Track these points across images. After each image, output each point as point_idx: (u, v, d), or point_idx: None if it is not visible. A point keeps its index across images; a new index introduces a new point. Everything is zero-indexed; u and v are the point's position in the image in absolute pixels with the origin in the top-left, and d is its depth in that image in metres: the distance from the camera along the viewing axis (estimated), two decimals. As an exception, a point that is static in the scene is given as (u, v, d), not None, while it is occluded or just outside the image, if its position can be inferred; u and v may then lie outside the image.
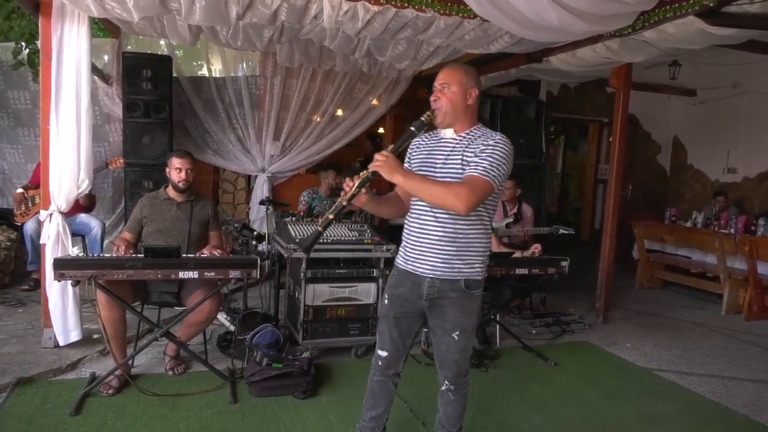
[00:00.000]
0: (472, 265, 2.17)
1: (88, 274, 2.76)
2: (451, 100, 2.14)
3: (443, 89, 2.15)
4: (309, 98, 6.07)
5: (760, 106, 7.08)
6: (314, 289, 3.57)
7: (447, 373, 2.29)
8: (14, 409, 2.78)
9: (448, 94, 2.14)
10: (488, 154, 2.05)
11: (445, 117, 2.16)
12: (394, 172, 1.99)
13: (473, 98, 2.17)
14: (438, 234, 2.14)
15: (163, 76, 5.12)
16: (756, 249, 5.24)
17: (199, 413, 2.87)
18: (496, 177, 2.04)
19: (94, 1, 3.24)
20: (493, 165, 2.03)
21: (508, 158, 2.08)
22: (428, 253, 2.16)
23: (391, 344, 2.30)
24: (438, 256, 2.14)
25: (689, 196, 8.31)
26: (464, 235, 2.13)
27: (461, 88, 2.14)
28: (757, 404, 3.43)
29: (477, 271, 2.18)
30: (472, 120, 2.20)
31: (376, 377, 2.38)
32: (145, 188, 4.92)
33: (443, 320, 2.21)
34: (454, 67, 2.22)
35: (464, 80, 2.15)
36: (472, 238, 2.14)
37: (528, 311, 5.08)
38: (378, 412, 2.40)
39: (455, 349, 2.23)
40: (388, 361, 2.33)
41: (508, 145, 2.10)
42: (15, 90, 5.48)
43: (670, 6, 3.52)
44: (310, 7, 3.46)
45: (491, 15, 3.49)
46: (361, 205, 2.12)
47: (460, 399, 2.34)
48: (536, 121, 6.03)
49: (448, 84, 2.15)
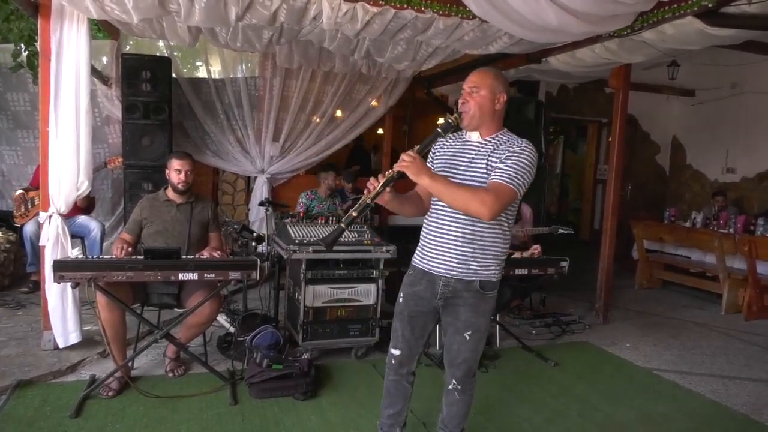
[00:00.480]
0: (488, 267, 2.18)
1: (88, 275, 2.76)
2: (480, 104, 2.14)
3: (472, 92, 2.15)
4: (308, 99, 6.07)
5: (758, 106, 7.09)
6: (314, 290, 3.57)
7: (456, 372, 2.30)
8: (14, 412, 2.77)
9: (477, 97, 2.14)
10: (514, 161, 2.06)
11: (472, 120, 2.16)
12: (421, 173, 1.99)
13: (501, 103, 2.17)
14: (455, 234, 2.15)
15: (162, 77, 5.11)
16: (755, 249, 5.25)
17: (200, 415, 2.87)
18: (520, 185, 2.05)
19: (93, 2, 3.24)
20: (518, 173, 2.04)
21: (533, 166, 2.09)
22: (445, 252, 2.18)
23: (404, 343, 2.34)
24: (454, 256, 2.16)
25: (688, 196, 8.32)
26: (481, 237, 2.14)
27: (490, 93, 2.14)
28: (757, 403, 3.43)
29: (492, 272, 2.19)
30: (498, 124, 2.21)
31: (391, 376, 2.42)
32: (145, 190, 4.91)
33: (456, 319, 2.23)
34: (486, 71, 2.21)
35: (494, 84, 2.15)
36: (489, 240, 2.16)
37: (528, 311, 5.09)
38: (395, 410, 2.44)
39: (466, 349, 2.24)
40: (401, 360, 2.36)
41: (534, 153, 2.11)
42: (14, 92, 5.48)
43: (668, 7, 3.52)
44: (310, 8, 3.46)
45: (490, 16, 3.49)
46: (384, 203, 2.12)
47: (467, 399, 2.35)
48: (535, 122, 6.02)
49: (478, 88, 2.14)
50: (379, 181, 2.02)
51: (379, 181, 2.02)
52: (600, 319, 5.05)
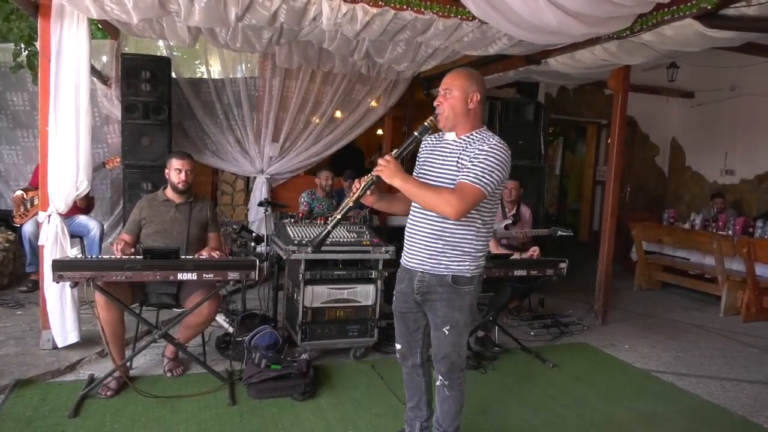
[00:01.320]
0: (461, 262, 2.22)
1: (87, 275, 2.76)
2: (452, 105, 2.19)
3: (446, 94, 2.20)
4: (308, 100, 6.08)
5: (757, 108, 7.09)
6: (313, 291, 3.57)
7: (440, 367, 2.34)
8: (13, 411, 2.77)
9: (449, 99, 2.19)
10: (480, 161, 2.10)
11: (447, 122, 2.22)
12: (394, 176, 2.10)
13: (475, 102, 2.20)
14: (426, 230, 2.23)
15: (161, 77, 5.11)
16: (754, 251, 5.26)
17: (198, 415, 2.87)
18: (488, 184, 2.09)
19: (93, 2, 3.24)
20: (485, 171, 2.09)
21: (502, 163, 2.12)
22: (417, 248, 2.27)
23: (402, 338, 2.46)
24: (425, 252, 2.24)
25: (687, 197, 8.32)
26: (451, 233, 2.20)
27: (462, 93, 2.19)
28: (755, 405, 3.44)
29: (466, 268, 2.22)
30: (474, 123, 2.24)
31: (404, 369, 2.54)
32: (144, 190, 4.91)
33: (434, 315, 2.29)
34: (457, 71, 2.26)
35: (466, 85, 2.19)
36: (459, 237, 2.20)
37: (527, 312, 5.09)
38: (413, 402, 2.53)
39: (446, 344, 2.28)
40: (403, 353, 2.48)
41: (503, 151, 2.14)
42: (13, 92, 5.48)
43: (667, 9, 3.52)
44: (309, 8, 3.47)
45: (489, 17, 3.50)
46: (371, 204, 2.26)
47: (456, 396, 2.37)
48: (535, 123, 6.03)
49: (450, 89, 2.20)
50: (362, 183, 2.16)
51: (361, 184, 2.16)
52: (599, 321, 5.05)
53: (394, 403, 3.11)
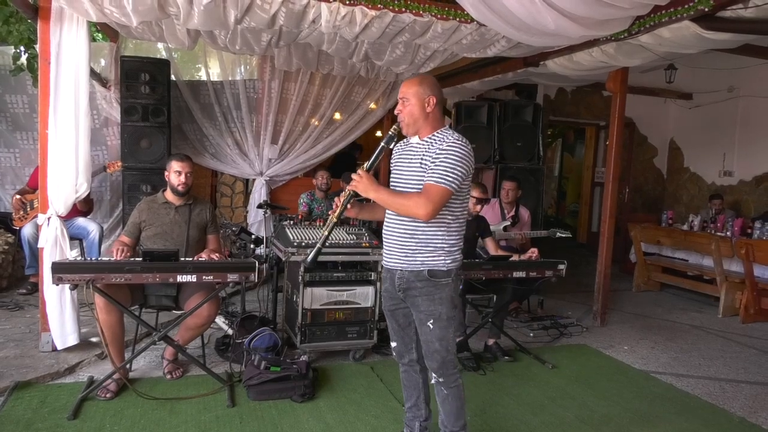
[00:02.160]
0: (435, 257, 2.30)
1: (86, 277, 2.77)
2: (411, 112, 2.29)
3: (404, 102, 2.30)
4: (307, 102, 6.09)
5: (755, 110, 7.11)
6: (312, 293, 3.57)
7: (432, 364, 2.38)
8: (12, 413, 2.77)
9: (407, 106, 2.29)
10: (441, 160, 2.20)
11: (408, 127, 2.32)
12: (368, 189, 2.24)
13: (432, 105, 2.29)
14: (399, 231, 2.34)
15: (161, 79, 5.13)
16: (752, 252, 5.26)
17: (197, 417, 2.87)
18: (452, 181, 2.18)
19: (92, 5, 3.25)
20: (447, 170, 2.18)
21: (462, 159, 2.20)
22: (394, 248, 2.37)
23: (395, 334, 2.54)
24: (401, 251, 2.34)
25: (686, 199, 8.34)
26: (423, 231, 2.29)
27: (418, 99, 2.28)
28: (754, 406, 3.44)
29: (441, 261, 2.30)
30: (434, 125, 2.33)
31: (400, 368, 2.59)
32: (143, 192, 4.92)
33: (418, 311, 2.36)
34: (411, 80, 2.34)
35: (420, 91, 2.28)
36: (431, 234, 2.28)
37: (526, 314, 5.10)
38: (411, 402, 2.58)
39: (433, 338, 2.33)
40: (399, 351, 2.55)
41: (462, 146, 2.22)
42: (13, 94, 5.49)
43: (665, 11, 3.54)
44: (308, 11, 3.48)
45: (488, 19, 3.51)
46: (355, 215, 2.46)
47: (454, 393, 2.39)
48: (533, 125, 6.05)
49: (407, 97, 2.29)
50: (341, 200, 2.31)
51: (341, 199, 2.31)
52: (597, 322, 5.06)
53: (394, 405, 3.11)
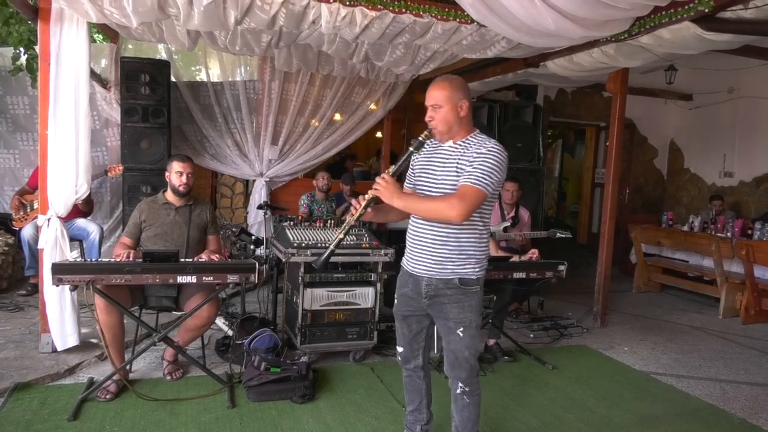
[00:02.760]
0: (465, 266, 2.25)
1: (86, 278, 2.76)
2: (445, 119, 2.22)
3: (435, 110, 2.22)
4: (307, 103, 6.09)
5: (755, 110, 7.11)
6: (312, 294, 3.57)
7: (460, 374, 2.32)
8: (12, 415, 2.77)
9: (440, 113, 2.21)
10: (480, 163, 2.14)
11: (443, 135, 2.26)
12: (393, 197, 2.15)
13: (465, 110, 2.24)
14: (431, 237, 2.26)
15: (161, 80, 5.13)
16: (753, 252, 5.26)
17: (197, 418, 2.87)
18: (488, 185, 2.13)
19: (92, 6, 3.25)
20: (484, 173, 2.13)
21: (500, 165, 2.16)
22: (424, 254, 2.29)
23: (404, 340, 2.49)
24: (432, 258, 2.26)
25: (686, 200, 8.33)
26: (456, 238, 2.23)
27: (452, 105, 2.21)
28: (754, 407, 3.44)
29: (471, 270, 2.26)
30: (467, 128, 2.28)
31: (403, 373, 2.57)
32: (143, 193, 4.92)
33: (446, 319, 2.29)
34: (442, 83, 2.24)
35: (453, 96, 2.21)
36: (464, 241, 2.24)
37: (526, 315, 5.09)
38: (414, 406, 2.56)
39: (462, 347, 2.28)
40: (405, 356, 2.50)
41: (501, 153, 2.18)
42: (13, 95, 5.49)
43: (665, 12, 3.54)
44: (308, 12, 3.48)
45: (488, 20, 3.51)
46: (370, 219, 2.39)
47: (475, 401, 2.38)
48: (533, 126, 6.04)
49: (438, 104, 2.22)
50: (361, 203, 2.20)
51: (360, 203, 2.21)
52: (598, 323, 5.05)
53: (394, 406, 3.11)
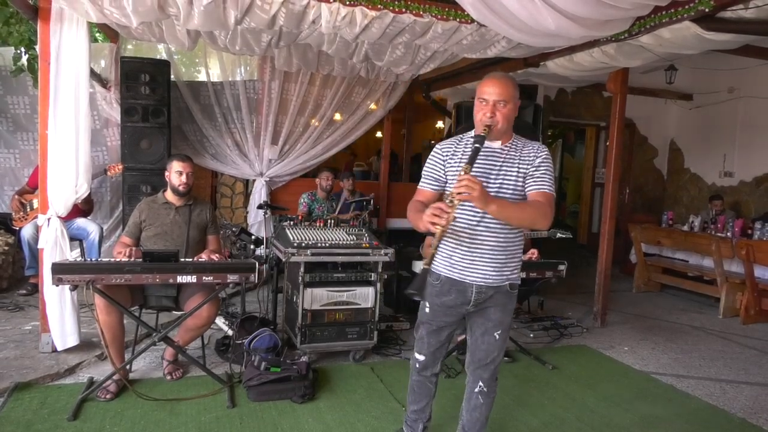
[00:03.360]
0: (514, 269, 2.30)
1: (86, 278, 2.76)
2: (507, 117, 2.15)
3: (499, 106, 2.12)
4: (307, 102, 6.09)
5: (756, 110, 7.11)
6: (312, 293, 3.57)
7: (484, 374, 2.35)
8: (12, 414, 2.77)
9: (504, 111, 2.13)
10: (546, 168, 2.19)
11: (501, 134, 2.19)
12: (487, 202, 1.98)
13: (517, 111, 2.22)
14: (491, 243, 2.19)
15: (161, 80, 5.12)
16: (753, 252, 5.26)
17: (197, 418, 2.87)
18: (553, 189, 2.20)
19: (92, 6, 3.25)
20: (551, 178, 2.20)
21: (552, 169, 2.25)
22: (480, 261, 2.20)
23: (428, 349, 2.42)
24: (490, 265, 2.21)
25: (686, 199, 8.33)
26: (512, 243, 2.25)
27: (515, 104, 2.17)
28: (754, 407, 3.44)
29: (517, 274, 2.31)
30: (511, 130, 2.28)
31: (414, 377, 2.51)
32: (143, 192, 4.92)
33: (487, 320, 2.30)
34: (507, 81, 2.16)
35: (516, 95, 2.17)
36: (517, 244, 2.28)
37: (526, 315, 5.09)
38: (419, 406, 2.55)
39: (495, 348, 2.31)
40: (425, 364, 2.45)
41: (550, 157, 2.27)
42: (14, 95, 5.49)
43: (665, 11, 3.54)
44: (308, 12, 3.48)
45: (488, 20, 3.51)
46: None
47: (489, 404, 2.41)
48: (534, 125, 6.02)
49: (505, 100, 2.12)
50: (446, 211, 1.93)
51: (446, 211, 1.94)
52: (598, 323, 5.05)
53: (394, 406, 3.11)
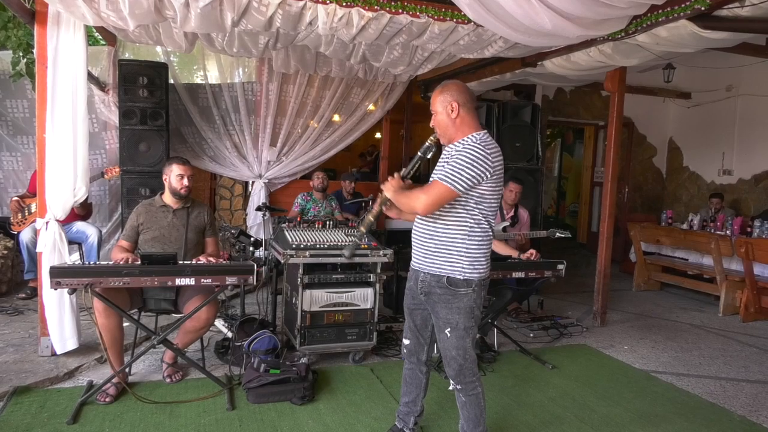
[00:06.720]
0: (453, 263, 2.29)
1: (85, 281, 2.76)
2: (439, 122, 2.36)
3: (433, 116, 2.38)
4: (305, 104, 6.10)
5: (754, 108, 7.12)
6: (311, 295, 3.57)
7: (449, 371, 2.40)
8: (11, 418, 2.77)
9: (436, 118, 2.37)
10: (454, 160, 2.22)
11: (443, 138, 2.38)
12: (388, 190, 2.34)
13: (456, 110, 2.30)
14: (421, 231, 2.39)
15: (159, 83, 5.13)
16: (752, 250, 5.26)
17: (197, 420, 2.86)
18: (456, 180, 2.17)
19: (89, 9, 3.25)
20: (454, 169, 2.19)
21: (475, 161, 2.19)
22: (417, 248, 2.42)
23: (411, 333, 2.57)
24: (419, 250, 2.40)
25: (685, 198, 8.34)
26: (442, 233, 2.31)
27: (443, 108, 2.32)
28: (754, 405, 3.44)
29: (458, 269, 2.28)
30: (464, 129, 2.33)
31: (406, 365, 2.65)
32: (142, 195, 4.92)
33: (436, 317, 2.38)
34: (435, 92, 2.39)
35: (441, 100, 2.33)
36: (450, 237, 2.29)
37: (525, 314, 5.09)
38: (410, 398, 2.64)
39: (449, 346, 2.35)
40: (410, 349, 2.58)
41: (476, 149, 2.21)
42: (13, 99, 5.51)
43: (662, 10, 3.55)
44: (305, 13, 3.48)
45: (485, 20, 3.51)
46: (395, 217, 2.49)
47: (473, 401, 2.40)
48: (532, 125, 6.04)
49: (433, 110, 2.37)
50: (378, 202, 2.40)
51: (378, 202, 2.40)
52: (597, 322, 5.05)
53: (394, 407, 3.10)
